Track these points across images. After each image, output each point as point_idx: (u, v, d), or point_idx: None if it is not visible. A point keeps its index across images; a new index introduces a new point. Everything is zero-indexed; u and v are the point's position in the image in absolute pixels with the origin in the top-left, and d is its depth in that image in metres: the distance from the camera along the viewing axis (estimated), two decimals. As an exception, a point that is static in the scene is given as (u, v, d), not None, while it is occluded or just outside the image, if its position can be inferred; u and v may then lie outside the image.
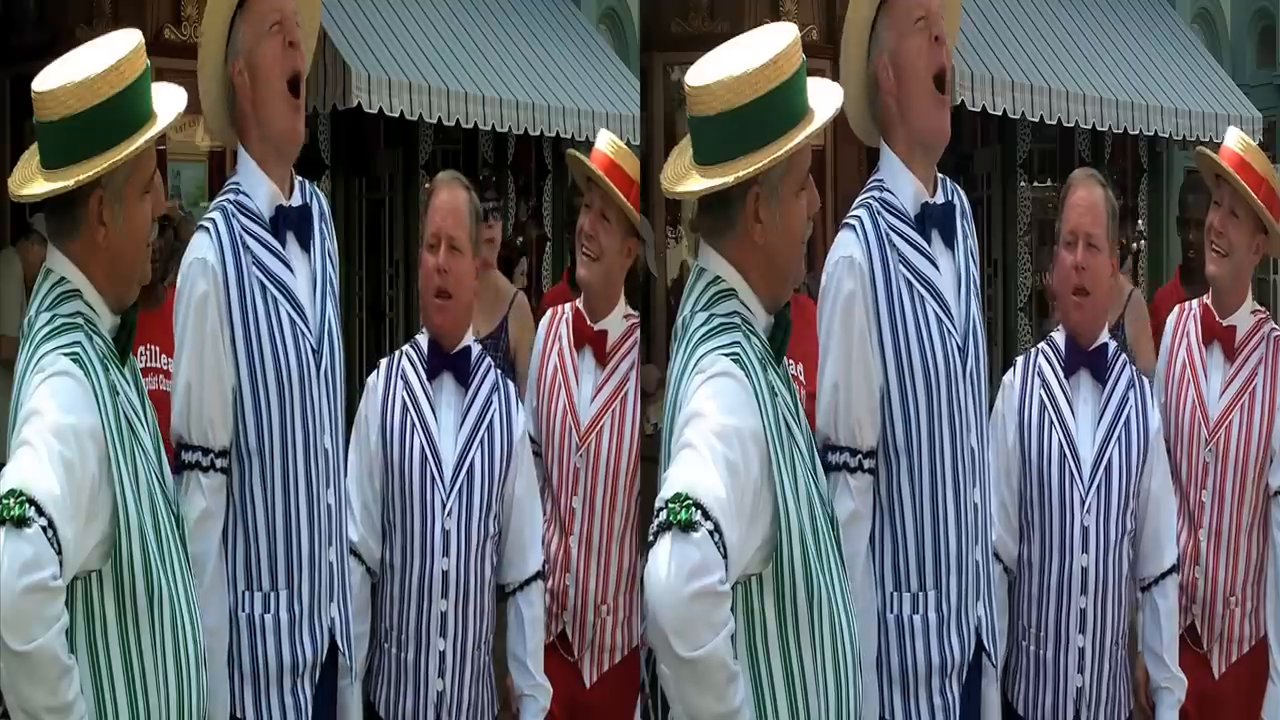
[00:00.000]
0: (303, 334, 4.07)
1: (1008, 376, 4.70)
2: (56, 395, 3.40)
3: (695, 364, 3.39)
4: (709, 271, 3.50)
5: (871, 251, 4.01)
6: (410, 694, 4.62)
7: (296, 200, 4.12)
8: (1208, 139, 14.61)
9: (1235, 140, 5.14)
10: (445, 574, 4.58)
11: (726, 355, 3.38)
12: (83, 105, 3.50)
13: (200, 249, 4.01)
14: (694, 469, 3.29)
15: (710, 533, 3.24)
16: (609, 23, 15.78)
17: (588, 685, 5.04)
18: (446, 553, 4.57)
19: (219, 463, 4.00)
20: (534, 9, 14.39)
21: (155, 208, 3.62)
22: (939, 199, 4.12)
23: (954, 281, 4.10)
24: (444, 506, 4.58)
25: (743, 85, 3.42)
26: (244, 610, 4.03)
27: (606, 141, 5.26)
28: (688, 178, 3.49)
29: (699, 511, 3.24)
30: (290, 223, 4.08)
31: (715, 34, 3.66)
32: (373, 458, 4.61)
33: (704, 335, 3.42)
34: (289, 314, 4.05)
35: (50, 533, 3.30)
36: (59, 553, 3.31)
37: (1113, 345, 4.75)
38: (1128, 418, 4.67)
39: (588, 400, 5.08)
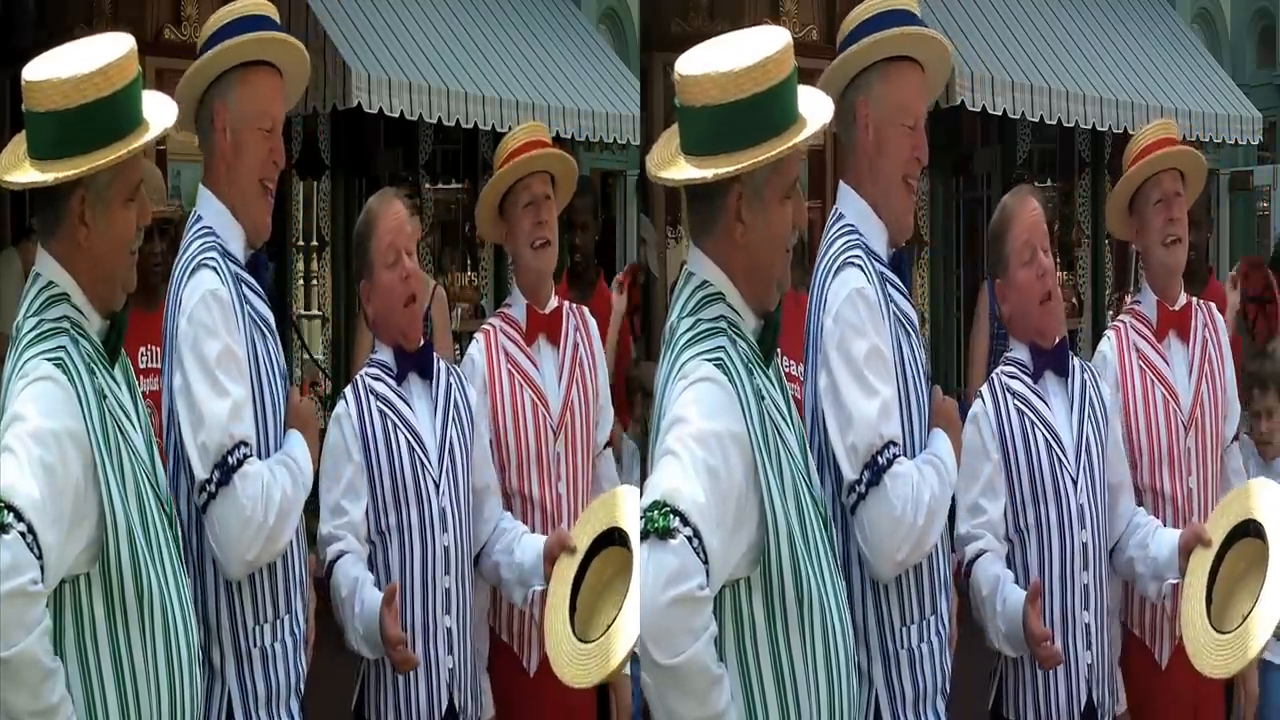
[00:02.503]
0: (283, 377, 4.19)
1: (977, 406, 4.74)
2: (38, 400, 3.41)
3: (679, 370, 3.40)
4: (697, 275, 3.51)
5: (878, 293, 4.03)
6: (423, 685, 4.69)
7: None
8: (1208, 139, 14.61)
9: (1150, 131, 5.21)
10: (446, 549, 4.69)
11: (709, 361, 3.38)
12: (68, 103, 3.50)
13: (213, 283, 4.05)
14: (673, 476, 3.31)
15: (688, 539, 3.25)
16: (609, 23, 15.79)
17: None
18: (446, 528, 4.70)
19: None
20: (534, 9, 14.39)
21: (140, 217, 3.61)
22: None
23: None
24: (437, 487, 4.69)
25: (729, 83, 3.42)
26: (256, 645, 4.10)
27: (518, 131, 5.31)
28: (673, 164, 3.50)
29: (677, 518, 3.25)
30: (255, 270, 4.19)
31: (715, 34, 3.66)
32: (356, 470, 4.70)
33: (688, 341, 3.43)
34: (276, 357, 4.17)
35: (30, 538, 3.29)
36: (40, 557, 3.30)
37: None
38: (1090, 397, 4.79)
39: (555, 385, 5.14)
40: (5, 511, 3.30)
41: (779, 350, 3.69)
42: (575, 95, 13.88)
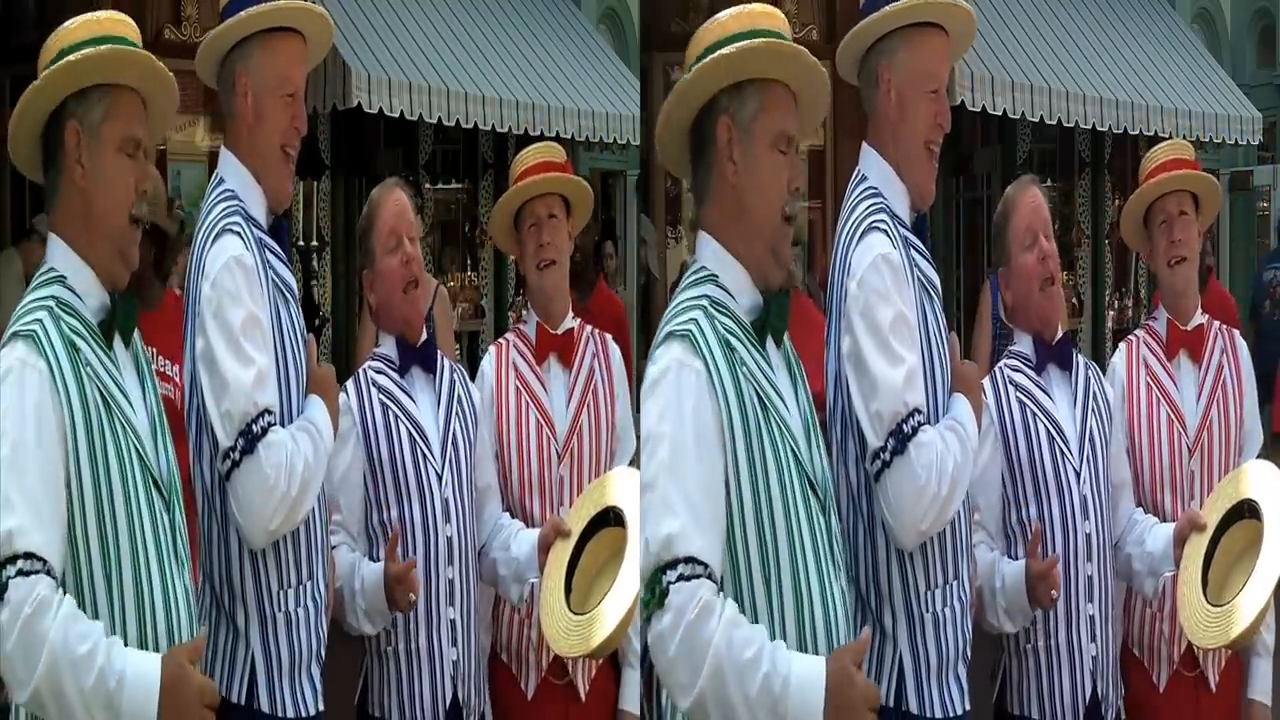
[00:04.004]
0: (304, 342, 4.17)
1: None
2: (6, 389, 3.43)
3: (651, 356, 3.45)
4: (697, 261, 3.55)
5: (902, 258, 4.03)
6: (426, 677, 4.70)
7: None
8: (1208, 139, 14.63)
9: (1161, 150, 5.17)
10: (450, 540, 4.69)
11: (677, 336, 3.40)
12: (69, 41, 3.59)
13: (238, 249, 4.03)
14: (659, 521, 3.33)
15: (684, 577, 3.28)
16: (609, 23, 15.82)
17: (583, 699, 5.05)
18: (449, 520, 4.70)
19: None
20: (534, 9, 14.42)
21: (140, 178, 3.62)
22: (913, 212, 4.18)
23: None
24: (439, 478, 4.70)
25: (716, 26, 3.52)
26: (280, 609, 4.09)
27: (530, 151, 5.30)
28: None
29: (672, 572, 3.28)
30: (278, 235, 4.19)
31: (715, 34, 3.75)
32: (355, 464, 4.71)
33: (666, 319, 3.47)
34: (297, 322, 4.16)
35: (26, 562, 3.32)
36: (42, 561, 3.33)
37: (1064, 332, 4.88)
38: (1094, 392, 4.80)
39: (563, 407, 5.10)
40: (6, 567, 3.35)
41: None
42: (575, 95, 13.91)
